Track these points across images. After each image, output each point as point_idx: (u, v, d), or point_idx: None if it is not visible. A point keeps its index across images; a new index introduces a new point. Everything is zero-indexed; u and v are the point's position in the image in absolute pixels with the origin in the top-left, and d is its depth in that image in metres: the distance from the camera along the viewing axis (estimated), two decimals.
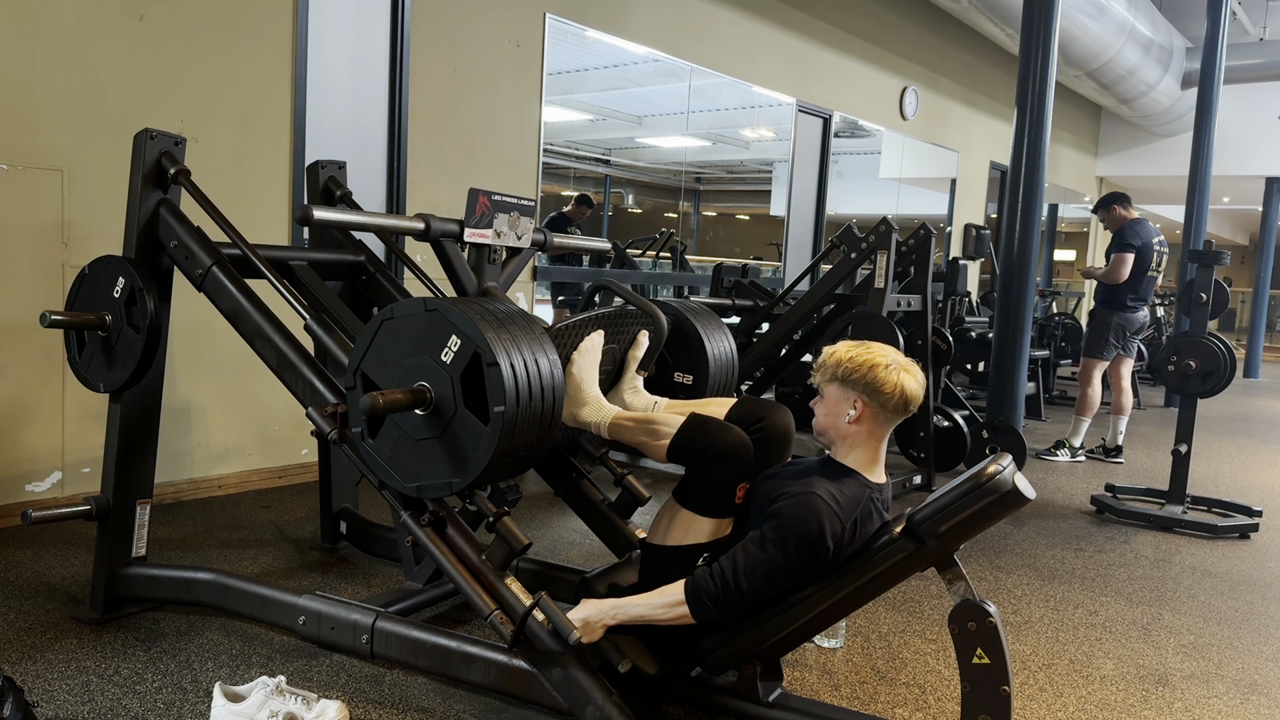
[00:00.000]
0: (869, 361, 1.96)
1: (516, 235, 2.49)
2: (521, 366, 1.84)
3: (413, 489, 1.94)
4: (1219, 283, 4.32)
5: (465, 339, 1.83)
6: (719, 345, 2.56)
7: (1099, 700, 2.37)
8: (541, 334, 1.95)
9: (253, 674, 2.17)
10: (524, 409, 1.83)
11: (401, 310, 1.92)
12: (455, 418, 1.85)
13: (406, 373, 1.90)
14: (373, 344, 1.95)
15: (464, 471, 1.86)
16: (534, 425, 1.87)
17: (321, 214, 2.13)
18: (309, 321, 2.20)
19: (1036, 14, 4.84)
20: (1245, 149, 11.54)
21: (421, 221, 2.31)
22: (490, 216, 2.41)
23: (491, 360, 1.80)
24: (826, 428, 2.03)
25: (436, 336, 1.87)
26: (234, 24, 3.67)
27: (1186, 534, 4.07)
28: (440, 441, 1.89)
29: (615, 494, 2.57)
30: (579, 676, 1.90)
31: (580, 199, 6.97)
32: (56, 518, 2.40)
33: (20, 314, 3.20)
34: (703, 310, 2.62)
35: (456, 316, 1.85)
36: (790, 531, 1.86)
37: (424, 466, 1.92)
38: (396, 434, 1.94)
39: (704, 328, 2.55)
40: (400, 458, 1.94)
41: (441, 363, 1.86)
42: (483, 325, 1.83)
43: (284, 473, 4.04)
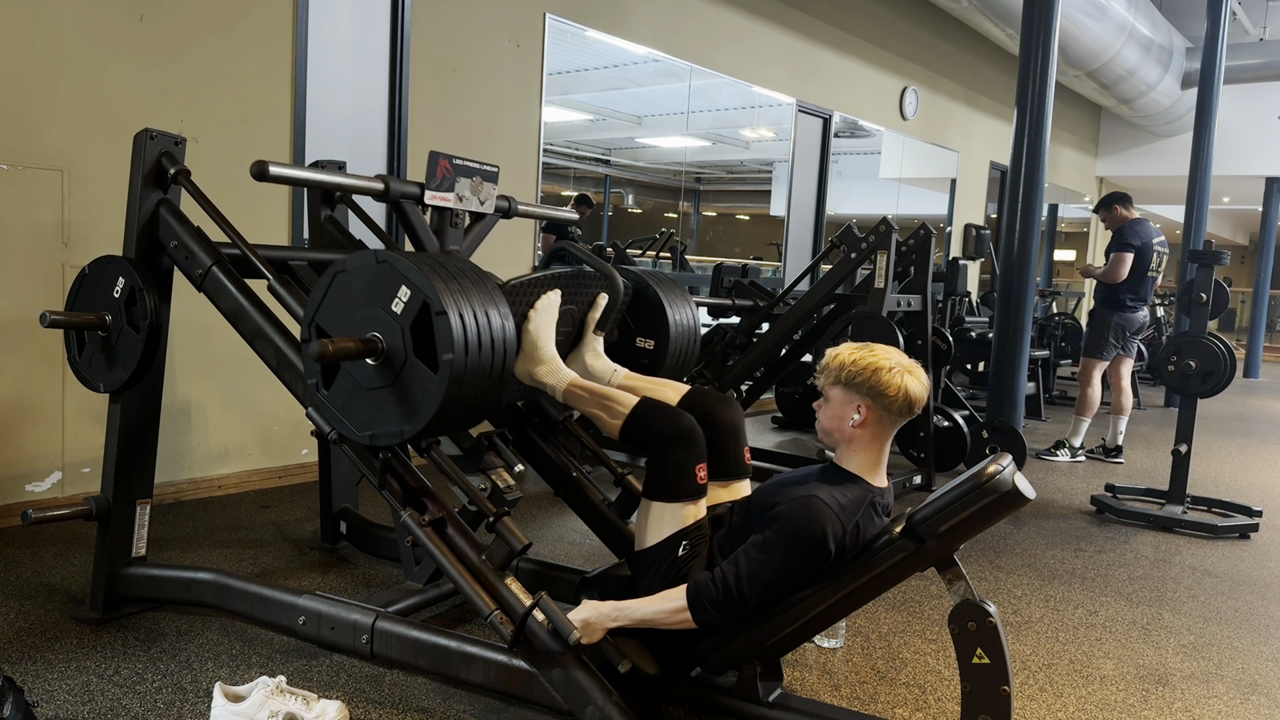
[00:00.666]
0: (873, 365, 1.96)
1: (479, 200, 2.49)
2: (471, 317, 1.87)
3: (365, 437, 1.98)
4: (1219, 283, 4.32)
5: (415, 289, 1.87)
6: (681, 312, 2.60)
7: (1099, 700, 2.37)
8: (494, 288, 1.98)
9: (253, 674, 2.17)
10: (473, 359, 1.87)
11: (354, 263, 1.96)
12: (405, 366, 1.90)
13: (359, 323, 1.94)
14: (326, 296, 1.99)
15: (414, 419, 1.90)
16: (483, 376, 1.91)
17: (277, 169, 2.15)
18: (271, 282, 2.23)
19: (1036, 14, 4.84)
20: (1245, 149, 11.53)
21: (381, 182, 2.31)
22: (452, 180, 2.40)
23: (440, 309, 1.84)
24: (830, 430, 2.03)
25: (387, 287, 1.91)
26: (234, 24, 3.67)
27: (1186, 534, 4.07)
28: (391, 390, 1.93)
29: (615, 494, 2.57)
30: (579, 677, 1.90)
31: (580, 199, 6.97)
32: (56, 518, 2.40)
33: (20, 314, 3.20)
34: (666, 278, 2.66)
35: (406, 267, 1.89)
36: (792, 535, 1.86)
37: (375, 415, 1.96)
38: (350, 384, 1.99)
39: (665, 294, 2.58)
40: (353, 407, 1.99)
41: (392, 313, 1.90)
42: (432, 276, 1.87)
43: (284, 473, 4.04)
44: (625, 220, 9.39)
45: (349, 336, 1.92)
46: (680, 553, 2.03)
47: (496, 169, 2.53)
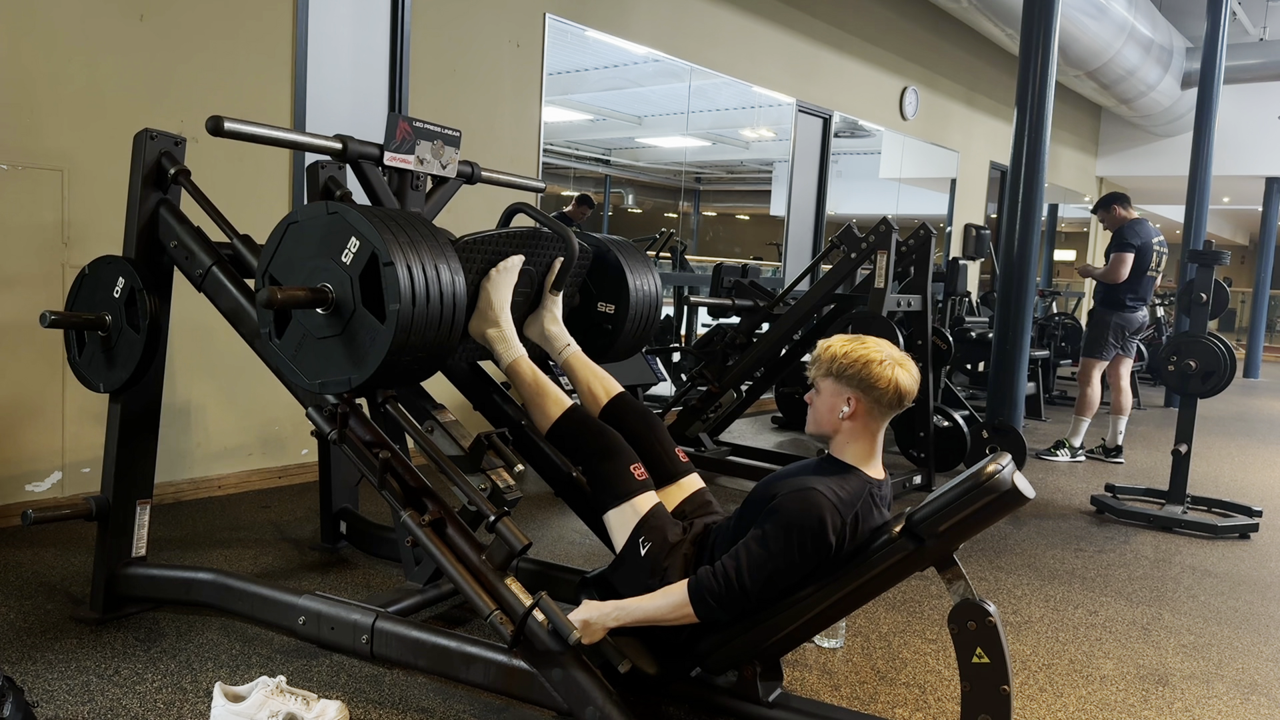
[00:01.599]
0: (864, 357, 1.96)
1: (441, 164, 2.49)
2: (419, 270, 1.90)
3: (316, 385, 2.00)
4: (1219, 283, 4.32)
5: (364, 240, 1.89)
6: (642, 278, 2.65)
7: (1099, 700, 2.37)
8: (445, 243, 2.00)
9: (253, 674, 2.17)
10: (420, 310, 1.89)
11: (305, 214, 1.99)
12: (354, 316, 1.92)
13: (310, 274, 1.97)
14: (279, 248, 2.02)
15: (361, 367, 1.93)
16: (431, 327, 1.93)
17: (232, 125, 2.17)
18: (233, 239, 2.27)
19: (1036, 14, 4.84)
20: (1245, 149, 11.53)
21: (340, 142, 2.32)
22: (412, 142, 2.40)
23: (388, 260, 1.86)
24: (820, 422, 2.03)
25: (337, 238, 1.93)
26: (234, 24, 3.67)
27: (1186, 534, 4.07)
28: (340, 339, 1.95)
29: None
30: (579, 676, 1.90)
31: (580, 199, 6.97)
32: (56, 518, 2.40)
33: (20, 314, 3.20)
34: (628, 245, 2.71)
35: (355, 218, 1.91)
36: (791, 527, 1.86)
37: (325, 364, 1.99)
38: (300, 333, 2.01)
39: (627, 259, 2.63)
40: (304, 356, 2.02)
41: (341, 263, 1.92)
42: (381, 228, 1.89)
43: (284, 473, 4.04)
44: (625, 220, 9.39)
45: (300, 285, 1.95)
46: (643, 551, 2.07)
47: (458, 133, 2.53)
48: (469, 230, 2.31)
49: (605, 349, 2.66)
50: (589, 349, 2.52)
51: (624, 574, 2.11)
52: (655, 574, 2.04)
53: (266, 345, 2.08)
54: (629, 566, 2.09)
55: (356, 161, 2.35)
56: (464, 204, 3.89)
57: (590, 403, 2.38)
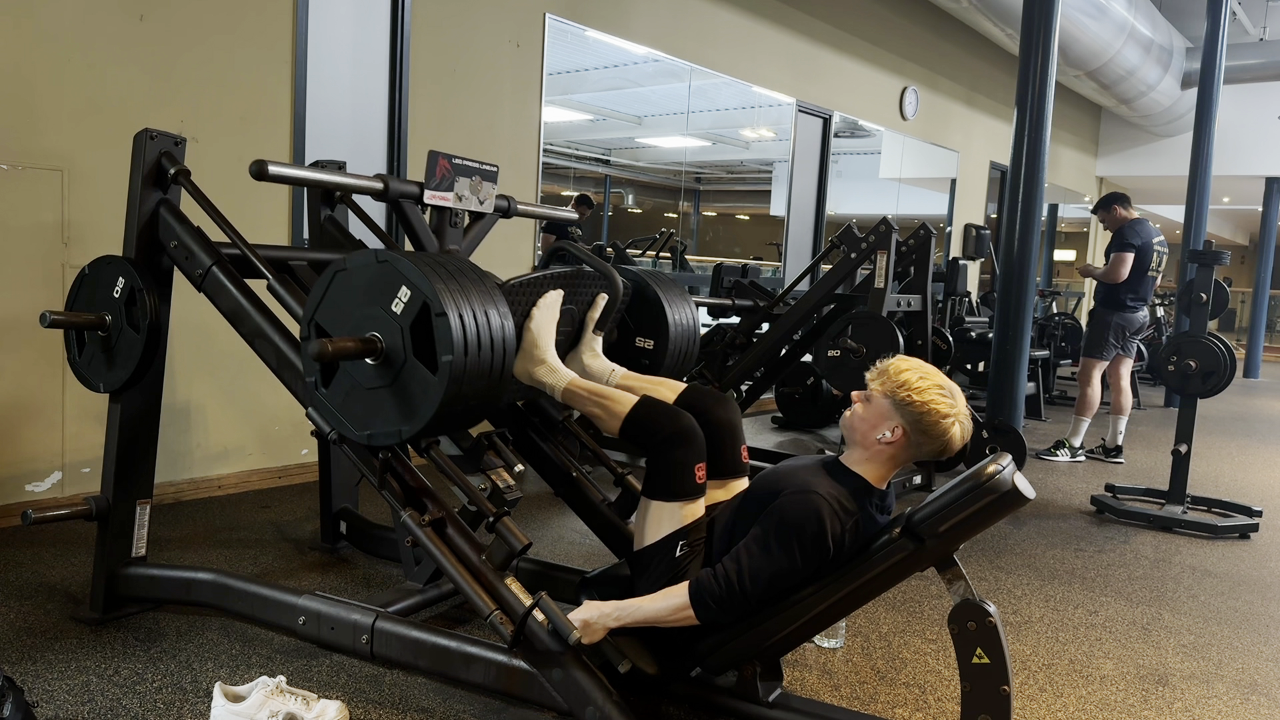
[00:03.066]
0: (933, 404, 1.88)
1: (479, 199, 2.49)
2: (470, 318, 1.87)
3: (364, 437, 1.98)
4: (1219, 283, 4.32)
5: (415, 289, 1.87)
6: (680, 312, 2.60)
7: (1099, 700, 2.37)
8: (493, 288, 1.98)
9: (253, 674, 2.17)
10: (472, 360, 1.86)
11: (354, 262, 1.96)
12: (404, 367, 1.89)
13: (358, 323, 1.94)
14: (326, 295, 1.99)
15: (413, 419, 1.90)
16: (483, 376, 1.90)
17: (276, 169, 2.14)
18: (271, 282, 2.23)
19: (1036, 14, 4.84)
20: (1245, 149, 11.53)
21: (380, 182, 2.31)
22: (451, 179, 2.40)
23: (440, 310, 1.83)
24: (856, 429, 1.97)
25: (387, 287, 1.90)
26: (234, 24, 3.67)
27: (1186, 534, 4.07)
28: (390, 390, 1.92)
29: (615, 494, 2.57)
30: (579, 677, 1.90)
31: (580, 199, 6.98)
32: (56, 518, 2.40)
33: (20, 314, 3.20)
34: (665, 278, 2.65)
35: (406, 267, 1.88)
36: (791, 531, 1.86)
37: (374, 415, 1.96)
38: (349, 383, 1.98)
39: (665, 294, 2.58)
40: (351, 406, 1.99)
41: (392, 313, 1.89)
42: (432, 276, 1.86)
43: (284, 473, 4.04)
44: (625, 220, 9.40)
45: (348, 336, 1.92)
46: (678, 552, 2.02)
47: (496, 168, 2.53)
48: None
49: None
50: None
51: (647, 565, 2.05)
52: (677, 579, 2.01)
53: (313, 395, 2.04)
54: (656, 561, 2.04)
55: (396, 200, 2.34)
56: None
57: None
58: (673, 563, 2.02)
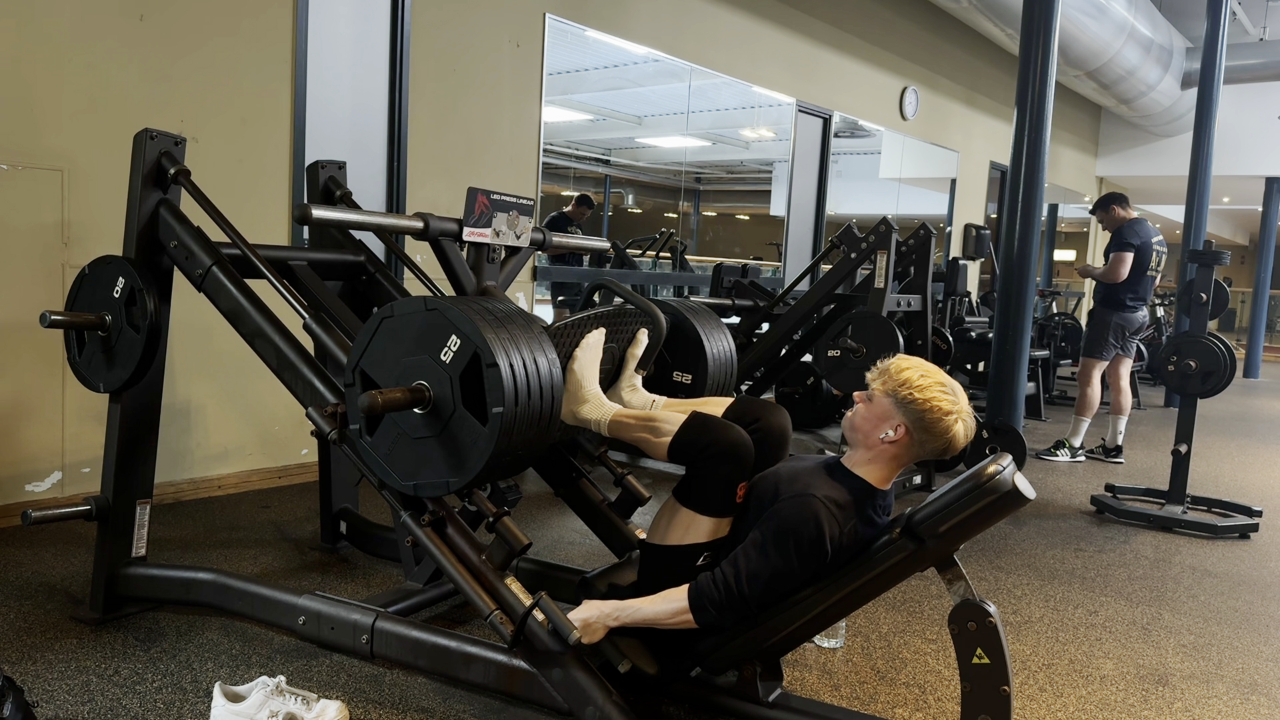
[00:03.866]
0: (935, 402, 1.87)
1: (515, 234, 2.49)
2: (520, 366, 1.83)
3: (410, 487, 1.93)
4: (1219, 283, 4.32)
5: (465, 339, 1.83)
6: (718, 345, 2.55)
7: (1099, 700, 2.37)
8: (540, 333, 1.94)
9: (253, 674, 2.17)
10: (522, 409, 1.83)
11: (402, 309, 1.92)
12: (453, 417, 1.85)
13: (405, 371, 1.89)
14: (372, 342, 1.95)
15: (461, 471, 1.86)
16: (532, 425, 1.87)
17: (320, 213, 2.13)
18: (308, 320, 2.20)
19: (1036, 14, 4.84)
20: (1245, 149, 11.53)
21: (420, 221, 2.31)
22: (489, 216, 2.40)
23: (491, 361, 1.80)
24: (859, 429, 1.97)
25: (436, 336, 1.86)
26: (234, 24, 3.67)
27: (1186, 534, 4.07)
28: (438, 441, 1.88)
29: (615, 494, 2.56)
30: (579, 676, 1.90)
31: (580, 199, 6.97)
32: (56, 518, 2.40)
33: (20, 314, 3.20)
34: (702, 310, 2.62)
35: (456, 316, 1.84)
36: (789, 535, 1.86)
37: (421, 465, 1.91)
38: (394, 432, 1.94)
39: (703, 327, 2.54)
40: (398, 456, 1.94)
41: (441, 362, 1.86)
42: (482, 325, 1.82)
43: (284, 473, 4.04)
44: (625, 220, 9.40)
45: (395, 385, 1.88)
46: (700, 563, 2.00)
47: (532, 202, 2.52)
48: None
49: None
50: None
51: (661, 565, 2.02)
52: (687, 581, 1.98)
53: (357, 443, 2.00)
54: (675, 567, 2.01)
55: (436, 239, 2.33)
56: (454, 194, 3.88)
57: None
58: (691, 571, 1.99)
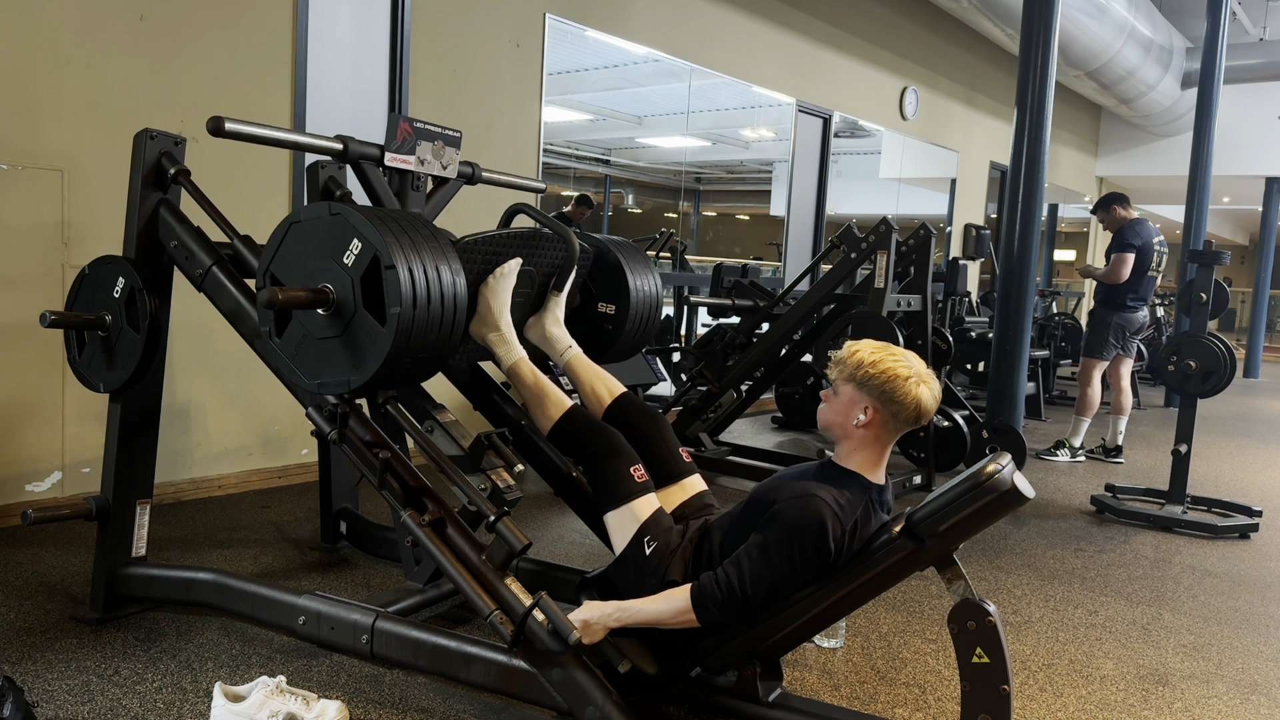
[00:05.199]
0: (890, 370, 1.92)
1: (442, 164, 2.49)
2: (420, 272, 1.90)
3: (315, 385, 2.01)
4: (1219, 283, 4.32)
5: (365, 242, 1.90)
6: (643, 279, 2.66)
7: (1099, 700, 2.37)
8: (446, 244, 2.00)
9: (253, 674, 2.17)
10: (421, 313, 1.89)
11: (308, 214, 1.99)
12: (355, 318, 1.93)
13: (311, 274, 1.97)
14: (280, 247, 2.02)
15: (361, 369, 1.93)
16: (432, 330, 1.93)
17: (233, 125, 2.17)
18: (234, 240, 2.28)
19: (1036, 14, 4.84)
20: (1245, 149, 11.53)
21: (340, 142, 2.32)
22: (413, 143, 2.40)
23: (389, 263, 1.86)
24: (832, 424, 2.01)
25: (339, 240, 1.93)
26: (234, 24, 3.67)
27: (1186, 534, 4.07)
28: (340, 341, 1.96)
29: None
30: (579, 676, 1.90)
31: (580, 199, 6.97)
32: (56, 518, 2.40)
33: (20, 314, 3.20)
34: (629, 246, 2.71)
35: (358, 220, 1.91)
36: (792, 535, 1.86)
37: (325, 365, 1.99)
38: (301, 333, 2.02)
39: (627, 260, 2.64)
40: (304, 356, 2.02)
41: (344, 265, 1.93)
42: (383, 230, 1.89)
43: (284, 473, 4.04)
44: (625, 220, 9.40)
45: (301, 286, 1.96)
46: (647, 551, 2.07)
47: (459, 133, 2.53)
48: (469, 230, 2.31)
49: (606, 349, 2.66)
50: (589, 349, 2.52)
51: (625, 574, 2.11)
52: (656, 575, 2.04)
53: (266, 344, 2.08)
54: (631, 567, 2.09)
55: (357, 162, 2.35)
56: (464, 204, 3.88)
57: (593, 403, 2.38)
58: (643, 561, 2.06)
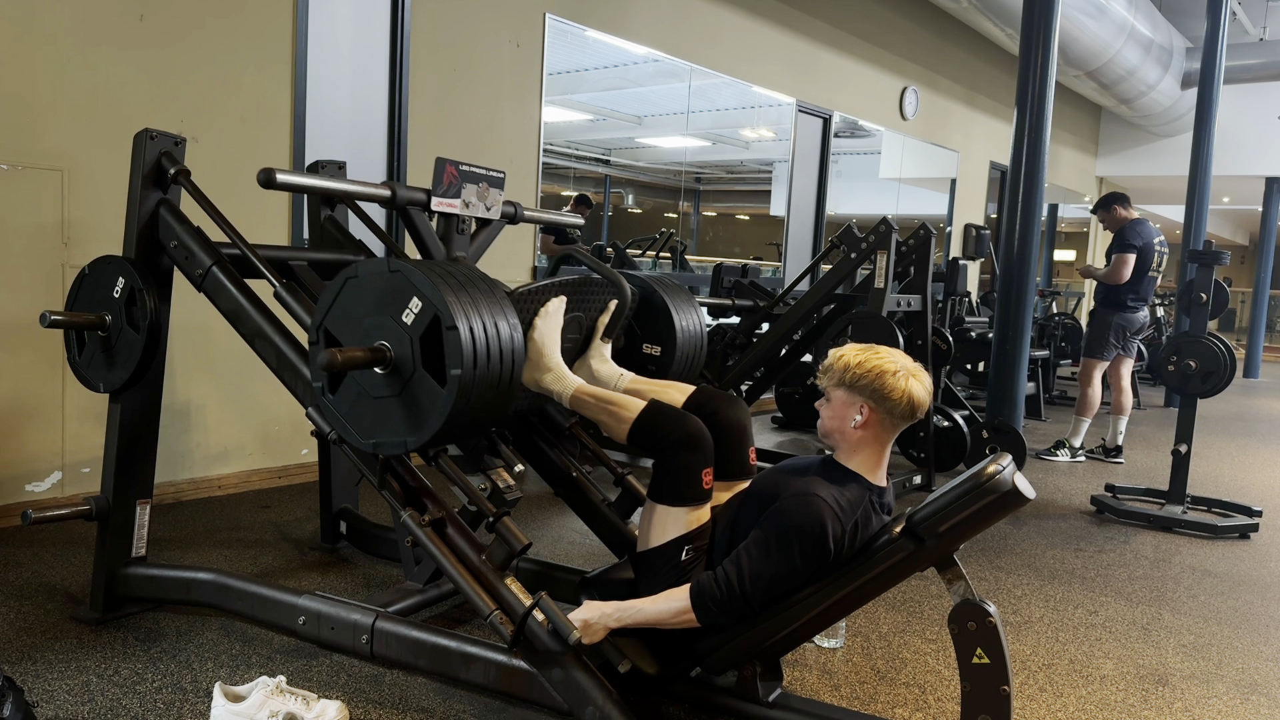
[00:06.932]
0: (877, 368, 1.94)
1: (485, 206, 2.48)
2: (480, 330, 1.86)
3: (369, 445, 1.97)
4: (1219, 283, 4.32)
5: (426, 301, 1.86)
6: (688, 319, 2.59)
7: (1099, 700, 2.37)
8: (503, 298, 1.97)
9: (253, 674, 2.17)
10: (481, 372, 1.86)
11: (365, 269, 1.95)
12: (413, 378, 1.89)
13: (368, 331, 1.93)
14: (336, 302, 1.98)
15: (420, 431, 1.90)
16: (491, 388, 1.90)
17: (285, 177, 2.14)
18: (278, 290, 2.22)
19: (1036, 14, 4.84)
20: (1245, 149, 11.53)
21: (388, 189, 2.30)
22: (458, 186, 2.40)
23: (450, 324, 1.83)
24: (831, 431, 2.01)
25: (398, 297, 1.90)
26: (234, 24, 3.67)
27: (1186, 534, 4.07)
28: (398, 400, 1.92)
29: (615, 494, 2.57)
30: (579, 676, 1.90)
31: (579, 199, 6.98)
32: (56, 518, 2.40)
33: (20, 314, 3.20)
34: (673, 284, 2.65)
35: (418, 278, 1.87)
36: (792, 534, 1.86)
37: (380, 424, 1.95)
38: (356, 390, 1.98)
39: (672, 300, 2.57)
40: (358, 414, 1.98)
41: (402, 323, 1.89)
42: (444, 288, 1.86)
43: (284, 473, 4.04)
44: (625, 220, 9.39)
45: (357, 344, 1.92)
46: (683, 557, 2.03)
47: (503, 175, 2.52)
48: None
49: None
50: None
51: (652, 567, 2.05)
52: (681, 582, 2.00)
53: (319, 399, 2.04)
54: (661, 563, 2.04)
55: (404, 208, 2.33)
56: None
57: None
58: (677, 566, 2.02)
